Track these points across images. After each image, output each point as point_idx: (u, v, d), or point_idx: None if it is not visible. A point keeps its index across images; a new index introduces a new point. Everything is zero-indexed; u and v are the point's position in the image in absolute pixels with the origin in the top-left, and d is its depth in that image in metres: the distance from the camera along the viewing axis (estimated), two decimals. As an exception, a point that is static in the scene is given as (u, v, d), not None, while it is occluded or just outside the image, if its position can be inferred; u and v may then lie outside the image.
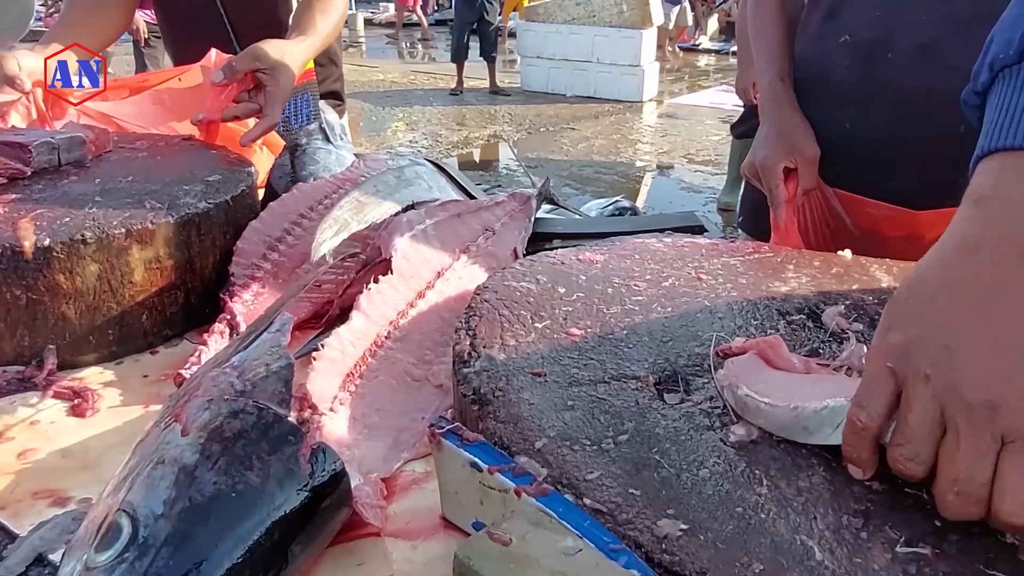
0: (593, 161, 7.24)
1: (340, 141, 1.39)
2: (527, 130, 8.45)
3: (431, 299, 1.01)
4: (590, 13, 9.97)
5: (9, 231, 0.90)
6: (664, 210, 5.83)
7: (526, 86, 10.49)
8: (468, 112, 9.16)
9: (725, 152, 7.70)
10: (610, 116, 9.26)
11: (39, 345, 0.93)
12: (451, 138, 7.92)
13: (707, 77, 12.57)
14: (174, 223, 0.98)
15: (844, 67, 1.28)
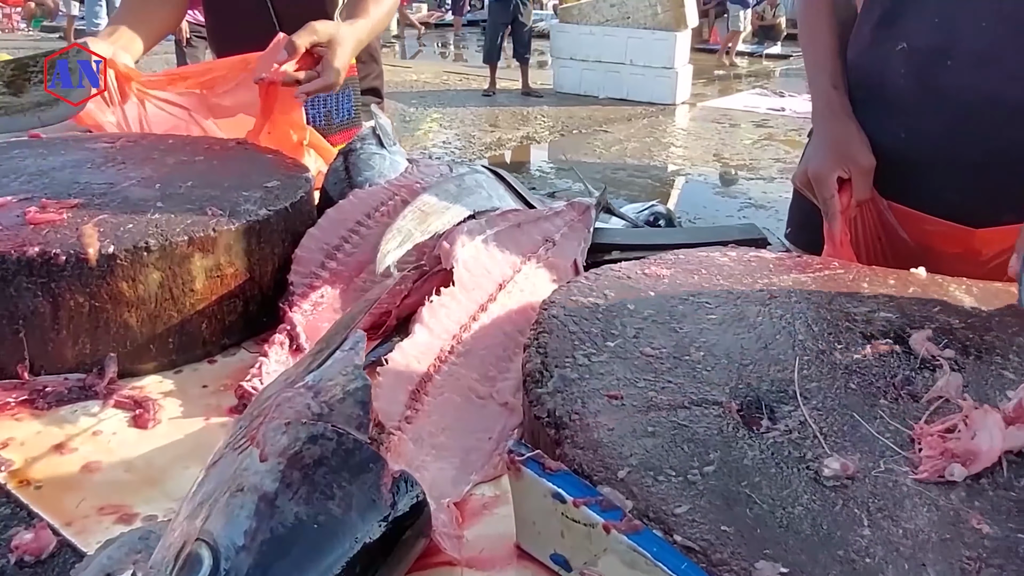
0: (626, 164, 7.18)
1: (393, 146, 1.37)
2: (560, 132, 8.41)
3: (493, 312, 0.99)
4: (624, 15, 9.90)
5: (73, 237, 0.89)
6: (698, 215, 5.77)
7: (558, 88, 10.46)
8: (501, 113, 9.15)
9: (759, 156, 7.61)
10: (643, 118, 9.20)
11: (100, 353, 0.92)
12: (484, 139, 7.91)
13: (739, 80, 12.45)
14: (235, 230, 0.97)
15: (900, 75, 1.24)
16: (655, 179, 6.82)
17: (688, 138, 8.36)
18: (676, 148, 7.91)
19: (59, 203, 0.98)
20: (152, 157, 1.21)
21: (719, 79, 12.38)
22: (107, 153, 1.21)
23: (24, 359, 0.90)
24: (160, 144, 1.29)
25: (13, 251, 0.86)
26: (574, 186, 6.42)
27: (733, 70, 13.08)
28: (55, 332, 0.90)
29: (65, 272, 0.87)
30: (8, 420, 0.87)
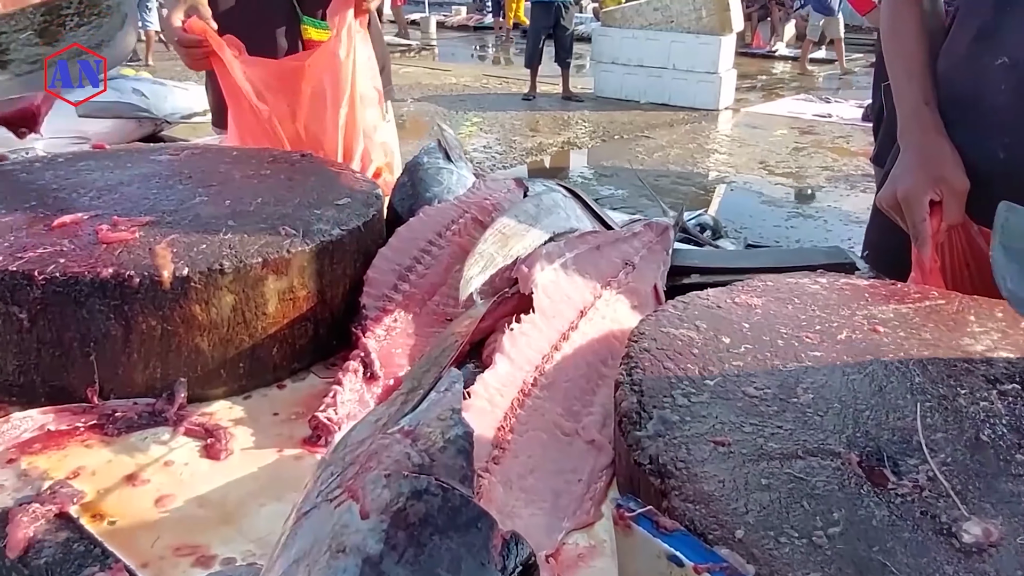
0: (669, 171, 7.08)
1: (460, 160, 1.33)
2: (601, 137, 8.34)
3: (575, 341, 0.94)
4: (667, 19, 9.79)
5: (146, 258, 0.86)
6: (744, 224, 5.67)
7: (599, 92, 10.37)
8: (541, 118, 9.10)
9: (806, 164, 7.46)
10: (685, 124, 9.08)
11: (171, 377, 0.89)
12: (525, 144, 7.86)
13: (783, 85, 12.25)
14: (309, 252, 0.93)
15: (1000, 91, 1.16)
16: (699, 187, 6.72)
17: (732, 145, 8.22)
18: (720, 155, 7.79)
19: (130, 220, 0.95)
20: (219, 170, 1.18)
21: (762, 84, 12.19)
22: (173, 166, 1.19)
23: (94, 382, 0.88)
24: (225, 156, 1.27)
25: (87, 272, 0.83)
26: (617, 192, 6.36)
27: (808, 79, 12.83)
28: (126, 356, 0.87)
29: (138, 294, 0.84)
30: (78, 447, 0.84)
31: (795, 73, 13.30)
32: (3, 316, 0.85)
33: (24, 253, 0.86)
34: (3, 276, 0.83)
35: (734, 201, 6.50)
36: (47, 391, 0.89)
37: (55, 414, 0.87)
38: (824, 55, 14.70)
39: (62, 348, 0.86)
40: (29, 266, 0.83)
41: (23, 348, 0.87)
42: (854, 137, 8.46)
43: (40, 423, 0.86)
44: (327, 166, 1.25)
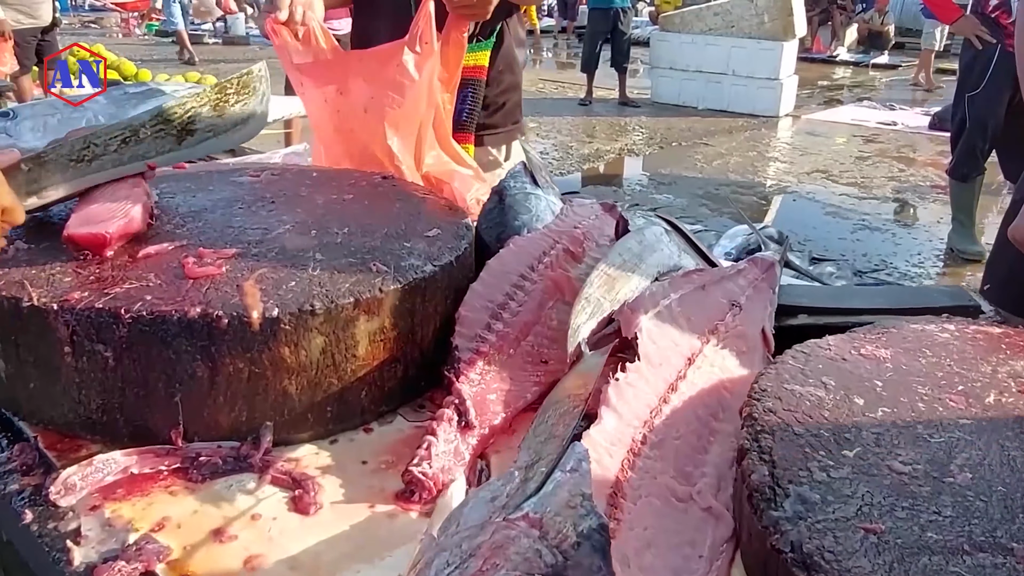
0: (729, 180, 6.92)
1: (547, 184, 1.26)
2: (658, 144, 8.20)
3: (684, 392, 0.87)
4: (728, 23, 9.60)
5: (234, 296, 0.82)
6: (808, 236, 5.49)
7: (656, 98, 10.22)
8: (598, 123, 9.00)
9: (871, 174, 7.23)
10: (745, 131, 8.88)
11: (256, 421, 0.84)
12: (581, 151, 7.77)
13: (843, 91, 11.93)
14: (401, 290, 0.88)
15: None
16: (760, 196, 6.55)
17: (793, 153, 8.01)
18: (781, 163, 7.59)
19: (216, 252, 0.91)
20: (301, 194, 1.14)
21: (822, 90, 11.89)
22: (255, 190, 1.15)
23: (178, 424, 0.84)
24: (306, 179, 1.23)
25: (174, 312, 0.79)
26: (675, 201, 6.23)
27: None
28: (212, 398, 0.83)
29: (226, 335, 0.80)
30: (162, 493, 0.80)
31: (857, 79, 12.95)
32: (88, 354, 0.81)
33: (111, 288, 0.82)
34: (89, 313, 0.79)
35: (796, 212, 6.31)
36: (130, 431, 0.85)
37: (138, 456, 0.83)
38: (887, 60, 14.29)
39: (147, 388, 0.82)
40: (116, 303, 0.80)
41: (107, 387, 0.83)
42: (920, 146, 8.19)
43: (123, 465, 0.82)
44: (411, 190, 1.20)
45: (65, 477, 0.79)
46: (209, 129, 1.07)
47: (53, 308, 0.80)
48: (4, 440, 0.89)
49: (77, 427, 0.87)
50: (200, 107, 1.05)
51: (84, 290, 0.82)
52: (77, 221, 0.87)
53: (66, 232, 0.85)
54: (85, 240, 0.85)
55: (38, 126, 2.00)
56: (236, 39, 13.53)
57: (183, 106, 1.04)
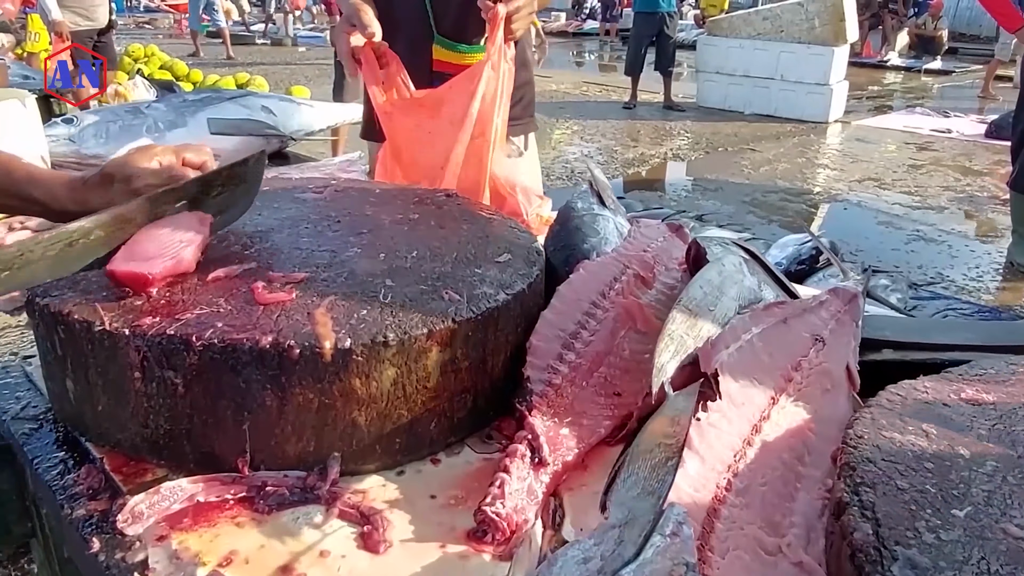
0: (777, 186, 6.80)
1: (614, 204, 1.23)
2: (704, 149, 8.09)
3: (768, 434, 0.82)
4: (778, 28, 9.45)
5: (305, 324, 0.80)
6: (860, 245, 5.36)
7: (702, 102, 10.10)
8: (642, 127, 8.91)
9: (925, 183, 7.04)
10: (793, 137, 8.72)
11: (323, 452, 0.82)
12: (626, 155, 7.70)
13: (893, 97, 11.67)
14: (474, 320, 0.85)
15: None
16: (810, 204, 6.41)
17: (844, 160, 7.84)
18: (831, 171, 7.43)
19: (285, 277, 0.89)
20: (366, 213, 1.12)
21: (872, 96, 11.64)
22: (319, 207, 1.14)
23: (245, 452, 0.82)
24: (370, 196, 1.21)
25: (246, 340, 0.77)
26: (723, 208, 6.13)
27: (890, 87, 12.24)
28: (280, 428, 0.81)
29: (297, 365, 0.78)
30: (229, 525, 0.78)
31: (908, 84, 12.67)
32: (158, 379, 0.80)
33: (182, 314, 0.81)
34: (160, 340, 0.78)
35: (848, 221, 6.18)
36: (196, 457, 0.84)
37: (204, 484, 0.81)
38: (940, 66, 13.95)
39: (215, 416, 0.81)
40: (187, 330, 0.78)
41: (175, 413, 0.82)
42: (977, 155, 7.96)
43: (190, 493, 0.81)
44: (476, 210, 1.17)
45: (133, 505, 0.78)
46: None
47: (125, 333, 0.79)
48: (71, 460, 0.88)
49: (144, 451, 0.86)
50: (175, 203, 0.94)
51: (155, 315, 0.81)
52: (123, 256, 0.85)
53: (108, 267, 0.84)
54: (126, 278, 0.83)
55: (101, 132, 2.03)
56: (283, 40, 13.72)
57: (153, 204, 0.92)
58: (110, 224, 0.88)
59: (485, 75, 1.36)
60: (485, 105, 1.37)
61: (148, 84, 6.03)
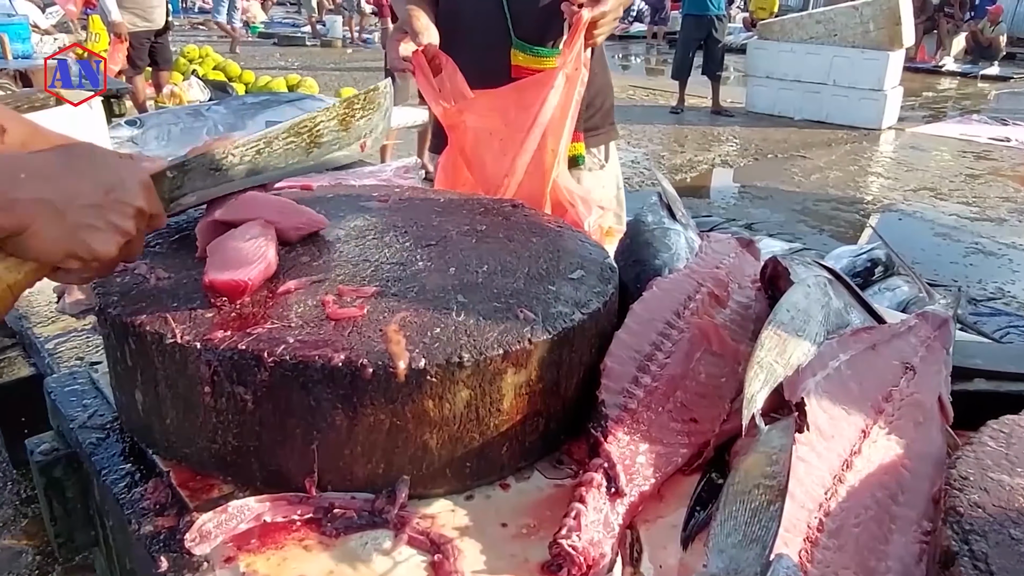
0: (829, 195, 6.65)
1: (683, 217, 1.19)
2: (753, 156, 7.96)
3: (859, 470, 0.78)
4: (831, 32, 9.26)
5: (378, 343, 0.78)
6: (916, 257, 5.21)
7: (751, 107, 9.94)
8: (689, 132, 8.80)
9: (984, 193, 6.83)
10: (844, 144, 8.54)
11: (392, 474, 0.80)
12: (673, 160, 7.61)
13: (948, 103, 11.36)
14: (550, 341, 0.82)
15: None
16: (862, 214, 6.26)
17: (898, 168, 7.65)
18: (884, 179, 7.25)
19: (355, 291, 0.87)
20: (432, 223, 1.10)
21: (926, 102, 11.34)
22: (385, 217, 1.12)
23: (312, 472, 0.80)
24: (434, 205, 1.18)
25: (318, 358, 0.75)
26: (772, 217, 6.02)
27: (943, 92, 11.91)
28: (349, 448, 0.79)
29: (370, 385, 0.76)
30: (296, 547, 0.76)
31: (964, 90, 12.33)
32: (228, 395, 0.78)
33: (252, 328, 0.79)
34: (232, 355, 0.76)
35: (903, 232, 6.01)
36: (263, 475, 0.82)
37: (271, 503, 0.80)
38: (997, 71, 13.55)
39: (284, 434, 0.79)
40: (259, 345, 0.76)
41: (244, 429, 0.80)
42: (1040, 164, 7.71)
43: (256, 512, 0.79)
44: (544, 222, 1.14)
45: (200, 524, 0.76)
46: (335, 142, 1.08)
47: (196, 347, 0.78)
48: (138, 473, 0.88)
49: (210, 466, 0.84)
50: (328, 121, 1.06)
51: (226, 329, 0.79)
52: (216, 266, 0.84)
53: (207, 279, 0.82)
54: (226, 287, 0.82)
55: (162, 135, 2.05)
56: (333, 41, 13.87)
57: (313, 119, 1.05)
58: (287, 132, 1.04)
59: (558, 82, 1.32)
60: (555, 113, 1.34)
61: (202, 84, 6.16)
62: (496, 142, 1.41)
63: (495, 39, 1.58)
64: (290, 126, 1.04)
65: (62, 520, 1.01)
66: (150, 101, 6.19)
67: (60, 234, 0.70)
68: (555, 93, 1.34)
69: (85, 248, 0.72)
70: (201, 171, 0.95)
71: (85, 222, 0.72)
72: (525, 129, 1.35)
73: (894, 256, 2.44)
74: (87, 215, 0.72)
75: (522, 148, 1.40)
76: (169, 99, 5.71)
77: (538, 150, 1.39)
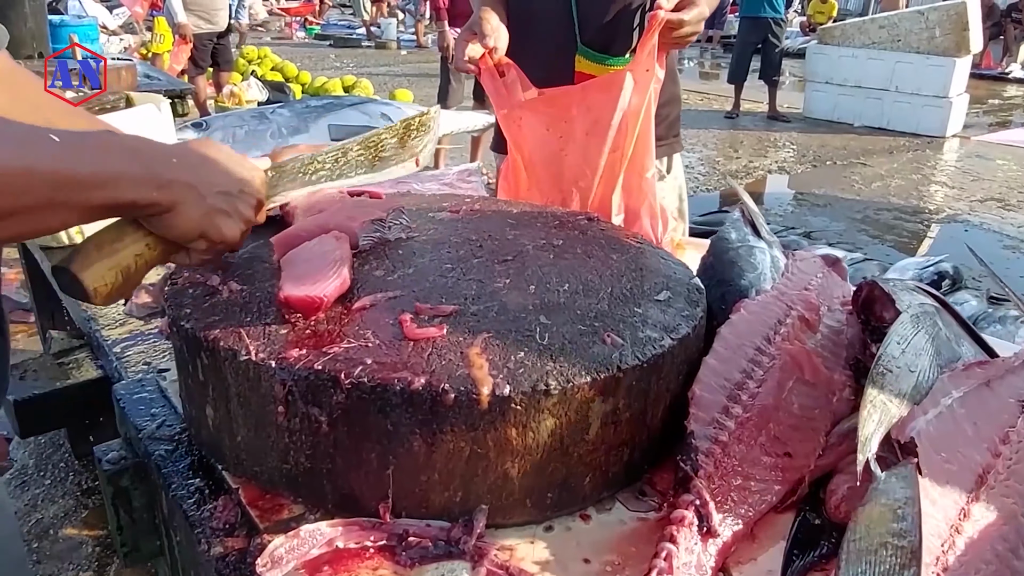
0: (891, 204, 6.45)
1: (767, 234, 1.13)
2: (811, 162, 7.77)
3: (978, 520, 0.72)
4: (894, 37, 9.00)
5: (460, 366, 0.74)
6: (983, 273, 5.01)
7: (808, 113, 9.72)
8: (745, 137, 8.64)
9: (1056, 206, 6.56)
10: (906, 152, 8.29)
11: (470, 503, 0.76)
12: (728, 166, 7.47)
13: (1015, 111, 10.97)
14: (640, 368, 0.77)
15: None
16: (925, 224, 6.05)
17: (963, 178, 7.39)
18: (949, 189, 7.01)
19: (433, 309, 0.84)
20: (507, 237, 1.06)
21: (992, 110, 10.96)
22: (458, 229, 1.08)
23: (387, 498, 0.77)
24: (508, 217, 1.15)
25: (397, 381, 0.72)
26: (831, 226, 5.87)
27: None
28: (426, 475, 0.75)
29: (451, 411, 0.72)
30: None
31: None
32: (302, 415, 0.76)
33: (329, 347, 0.76)
34: (308, 375, 0.74)
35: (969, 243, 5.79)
36: (336, 498, 0.79)
37: (344, 529, 0.76)
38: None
39: (359, 457, 0.76)
40: (335, 366, 0.73)
41: (317, 451, 0.77)
42: (1114, 177, 7.39)
43: (329, 538, 0.76)
44: (622, 237, 1.09)
45: (272, 549, 0.73)
46: (393, 157, 1.16)
47: (271, 365, 0.75)
48: (207, 489, 0.85)
49: (281, 486, 0.82)
50: (391, 138, 1.15)
51: (301, 347, 0.76)
52: (291, 281, 0.82)
53: (282, 295, 0.80)
54: (301, 303, 0.80)
55: (227, 137, 2.06)
56: (387, 43, 13.99)
57: (379, 136, 1.13)
58: (359, 145, 1.10)
59: (627, 84, 1.27)
60: (628, 117, 1.29)
61: (261, 85, 6.25)
62: (558, 143, 1.37)
63: (561, 44, 1.55)
64: (363, 139, 1.11)
65: (128, 529, 1.00)
66: (210, 100, 6.31)
67: (199, 215, 0.78)
68: (625, 94, 1.28)
69: (216, 231, 0.80)
70: (292, 173, 1.02)
71: (220, 207, 0.80)
72: (596, 134, 1.31)
73: (983, 270, 2.32)
74: (222, 202, 0.81)
75: (589, 151, 1.36)
76: (229, 99, 5.80)
77: (609, 156, 1.35)
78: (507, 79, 1.41)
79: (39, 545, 2.23)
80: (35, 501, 2.40)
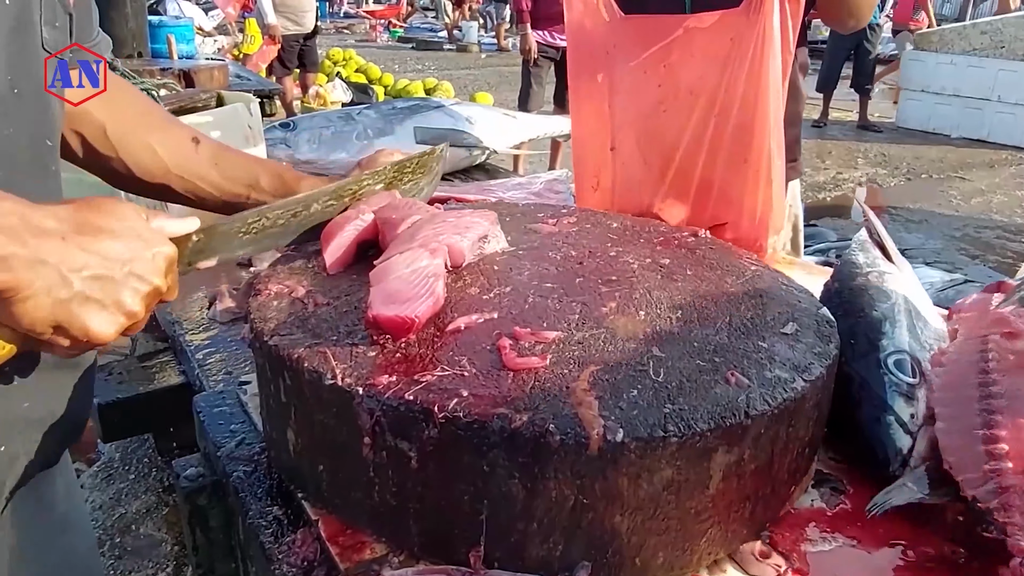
0: (993, 221, 6.09)
1: (897, 258, 1.01)
2: (904, 175, 7.41)
3: None
4: (997, 43, 8.52)
5: (566, 403, 0.66)
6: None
7: (901, 122, 9.29)
8: (833, 147, 8.30)
9: None
10: (1010, 166, 7.83)
11: (571, 558, 0.68)
12: (815, 177, 7.18)
13: None
14: (770, 414, 0.68)
15: None
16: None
17: (1074, 195, 6.93)
18: (1058, 206, 6.58)
19: (534, 334, 0.76)
20: (610, 254, 0.97)
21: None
22: (557, 244, 1.00)
23: (479, 545, 0.69)
24: (609, 232, 1.06)
25: (496, 418, 0.64)
26: (927, 243, 5.56)
27: None
28: (524, 524, 0.67)
29: (555, 455, 0.64)
30: (459, 633, 0.66)
31: None
32: (389, 449, 0.69)
33: (421, 375, 0.69)
34: (398, 405, 0.67)
35: (1080, 266, 5.39)
36: (422, 540, 0.72)
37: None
38: None
39: (449, 498, 0.69)
40: (428, 397, 0.66)
41: (404, 489, 0.70)
42: None
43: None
44: (736, 259, 0.99)
45: (354, 595, 0.67)
46: None
47: (358, 392, 0.68)
48: (285, 519, 0.80)
49: (363, 522, 0.75)
50: (375, 184, 1.01)
51: (392, 373, 0.70)
52: (380, 300, 0.75)
53: (370, 314, 0.73)
54: (391, 324, 0.73)
55: (314, 138, 2.04)
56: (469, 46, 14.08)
57: (359, 183, 0.99)
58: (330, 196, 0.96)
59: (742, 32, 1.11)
60: (743, 81, 1.14)
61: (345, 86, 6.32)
62: (656, 93, 1.22)
63: (669, 7, 1.42)
64: (334, 189, 0.96)
65: (203, 550, 0.96)
66: (296, 101, 6.42)
67: (52, 304, 0.60)
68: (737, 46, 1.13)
69: (79, 326, 0.61)
70: (229, 235, 0.86)
71: (88, 294, 0.61)
72: (695, 89, 1.16)
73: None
74: (93, 288, 0.62)
75: (694, 114, 1.22)
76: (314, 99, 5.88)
77: (717, 123, 1.21)
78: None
79: (121, 540, 2.26)
80: (119, 496, 2.44)
